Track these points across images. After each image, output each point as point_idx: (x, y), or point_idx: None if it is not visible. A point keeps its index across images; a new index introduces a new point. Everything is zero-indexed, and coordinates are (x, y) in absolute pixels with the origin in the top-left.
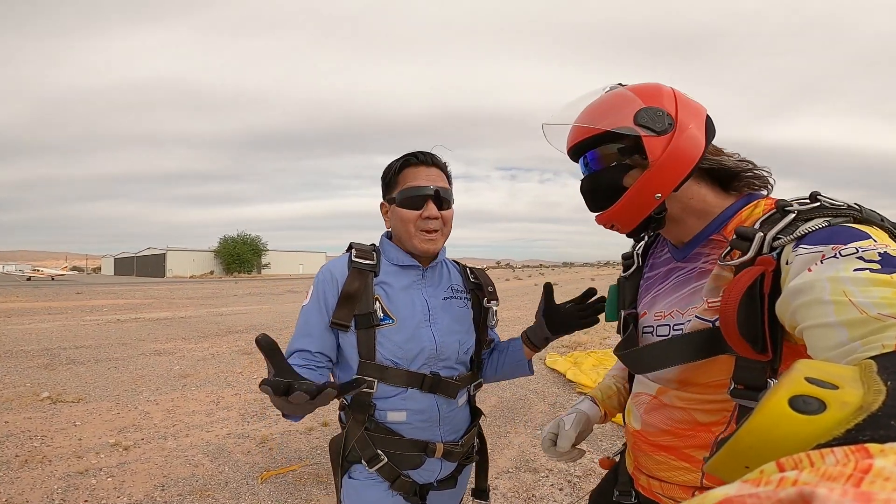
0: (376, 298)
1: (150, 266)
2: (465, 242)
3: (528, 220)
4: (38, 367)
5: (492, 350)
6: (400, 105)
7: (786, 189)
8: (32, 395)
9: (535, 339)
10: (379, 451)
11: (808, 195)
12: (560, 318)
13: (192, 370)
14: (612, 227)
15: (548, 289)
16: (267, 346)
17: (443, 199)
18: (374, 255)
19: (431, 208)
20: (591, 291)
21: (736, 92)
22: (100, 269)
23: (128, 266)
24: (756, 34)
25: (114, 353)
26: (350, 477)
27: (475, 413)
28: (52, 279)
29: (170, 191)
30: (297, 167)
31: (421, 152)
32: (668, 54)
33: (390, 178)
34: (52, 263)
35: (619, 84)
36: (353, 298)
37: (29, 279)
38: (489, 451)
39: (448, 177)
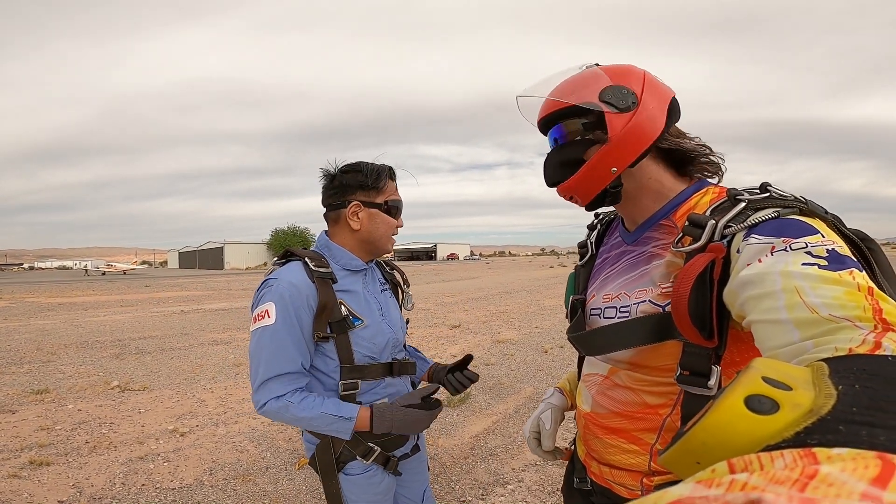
0: (341, 303)
1: (210, 259)
2: (509, 229)
3: (573, 206)
4: (110, 357)
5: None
6: (440, 93)
7: (861, 169)
8: (104, 384)
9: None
10: (370, 444)
11: (758, 186)
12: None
13: (244, 359)
14: (571, 199)
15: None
16: None
17: None
18: (327, 262)
19: (401, 219)
20: (468, 358)
21: (800, 71)
22: (166, 262)
23: (191, 259)
24: (818, 13)
25: (177, 343)
26: (346, 474)
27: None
28: (124, 273)
29: (226, 186)
30: (343, 159)
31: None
32: (718, 35)
33: (380, 185)
34: (123, 258)
35: (595, 64)
36: (327, 308)
37: (104, 274)
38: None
39: None
